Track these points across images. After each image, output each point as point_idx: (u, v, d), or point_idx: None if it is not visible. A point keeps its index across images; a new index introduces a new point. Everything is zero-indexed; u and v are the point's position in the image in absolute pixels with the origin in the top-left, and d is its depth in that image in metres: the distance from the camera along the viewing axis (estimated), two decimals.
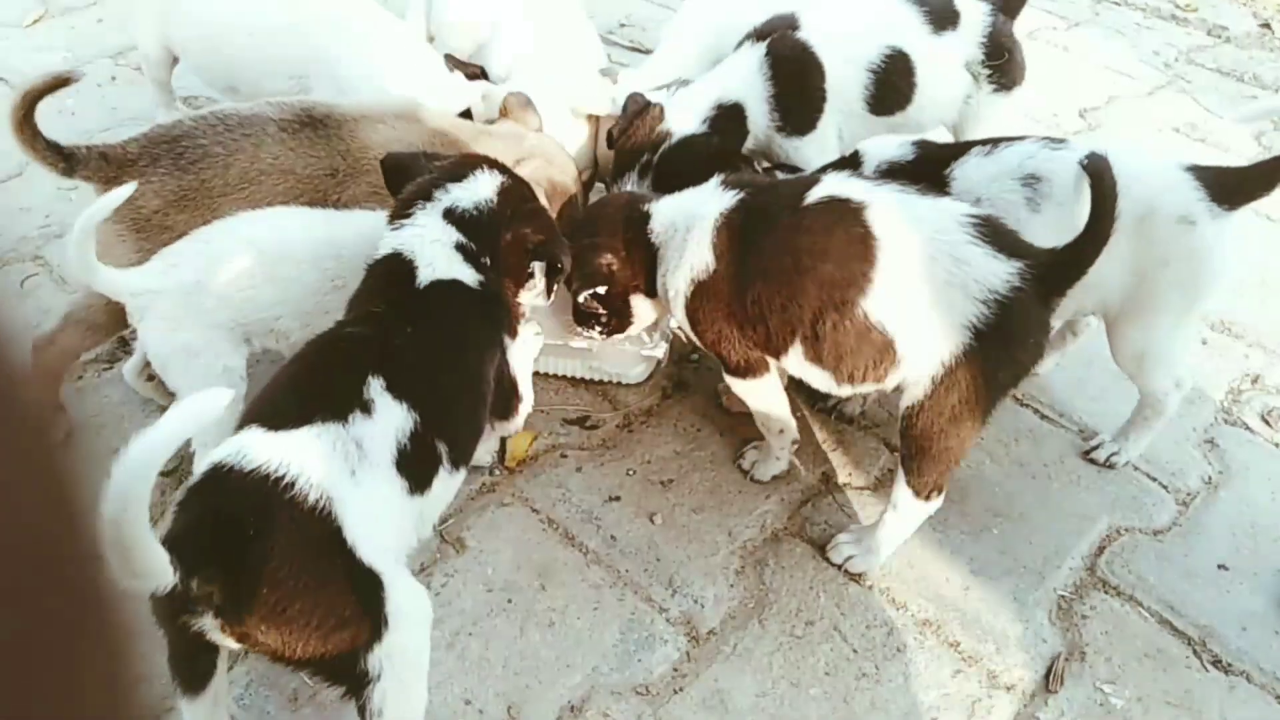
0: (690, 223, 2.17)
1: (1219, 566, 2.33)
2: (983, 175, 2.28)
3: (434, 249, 1.88)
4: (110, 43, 3.83)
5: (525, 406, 2.14)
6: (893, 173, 2.28)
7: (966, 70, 2.79)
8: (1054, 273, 1.92)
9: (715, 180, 2.22)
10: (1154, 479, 2.54)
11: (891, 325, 1.96)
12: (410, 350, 1.74)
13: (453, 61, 2.85)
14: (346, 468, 1.54)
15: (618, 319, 2.36)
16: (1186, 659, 2.13)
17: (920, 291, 1.93)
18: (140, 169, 2.13)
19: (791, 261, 2.00)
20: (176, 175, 2.15)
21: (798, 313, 2.01)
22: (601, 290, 2.27)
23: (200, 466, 1.52)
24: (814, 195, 2.03)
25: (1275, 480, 2.57)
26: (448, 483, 1.77)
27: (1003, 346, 1.93)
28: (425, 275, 1.85)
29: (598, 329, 2.38)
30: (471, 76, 2.82)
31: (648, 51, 3.99)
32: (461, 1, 3.15)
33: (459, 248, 1.90)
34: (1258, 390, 2.84)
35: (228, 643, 1.48)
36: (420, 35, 3.14)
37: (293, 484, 1.46)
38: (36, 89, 2.04)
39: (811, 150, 2.73)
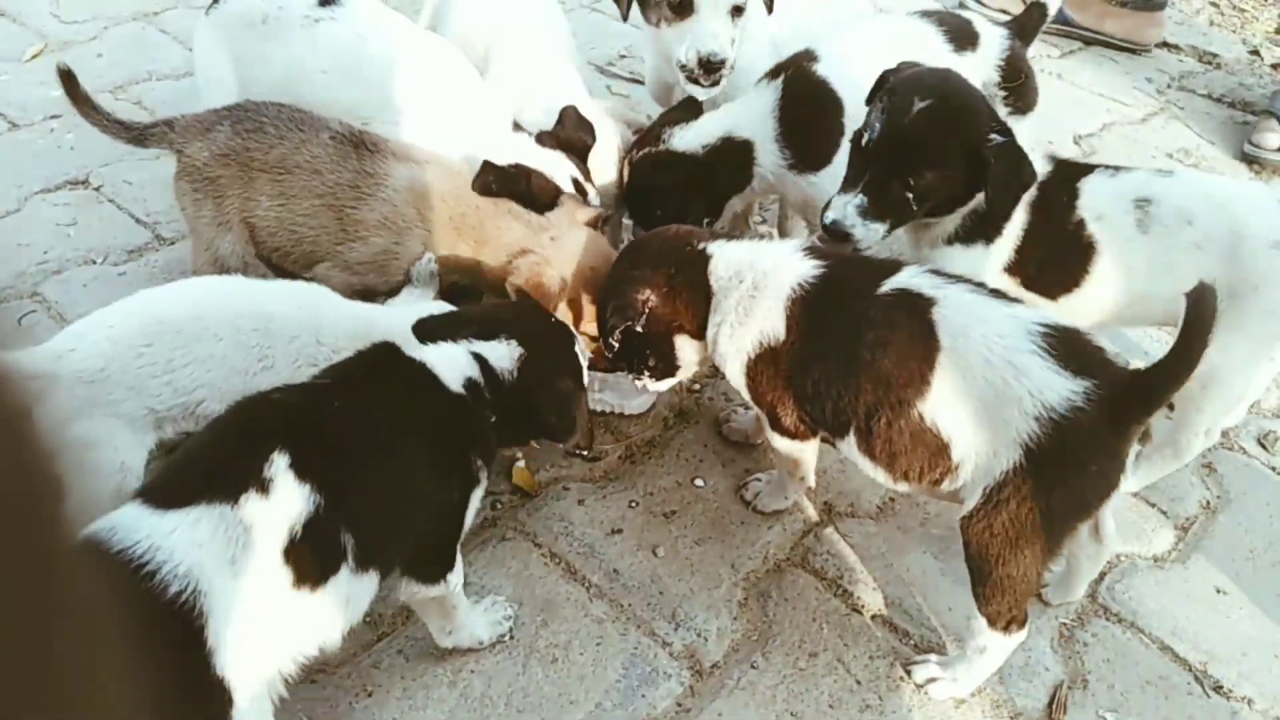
0: (759, 280, 2.09)
1: (1219, 591, 2.34)
2: (1107, 194, 2.30)
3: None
4: (110, 77, 3.85)
5: (454, 578, 1.91)
6: (1042, 187, 2.31)
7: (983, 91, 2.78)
8: (1131, 396, 1.79)
9: (794, 244, 2.17)
10: (1153, 505, 2.55)
11: (946, 429, 1.89)
12: (332, 425, 1.64)
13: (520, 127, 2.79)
14: (226, 555, 1.45)
15: (664, 362, 2.26)
16: (1188, 685, 2.13)
17: (973, 397, 1.86)
18: (201, 130, 2.41)
19: (852, 351, 1.95)
20: (229, 137, 2.39)
21: (853, 404, 1.97)
22: (638, 328, 2.18)
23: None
24: (889, 285, 1.98)
25: (1273, 504, 2.58)
26: (353, 586, 1.62)
27: (1056, 470, 1.80)
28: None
29: (645, 373, 2.28)
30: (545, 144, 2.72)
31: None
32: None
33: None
34: (1255, 414, 2.85)
35: None
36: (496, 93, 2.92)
37: (154, 573, 1.39)
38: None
39: (827, 188, 2.69)
